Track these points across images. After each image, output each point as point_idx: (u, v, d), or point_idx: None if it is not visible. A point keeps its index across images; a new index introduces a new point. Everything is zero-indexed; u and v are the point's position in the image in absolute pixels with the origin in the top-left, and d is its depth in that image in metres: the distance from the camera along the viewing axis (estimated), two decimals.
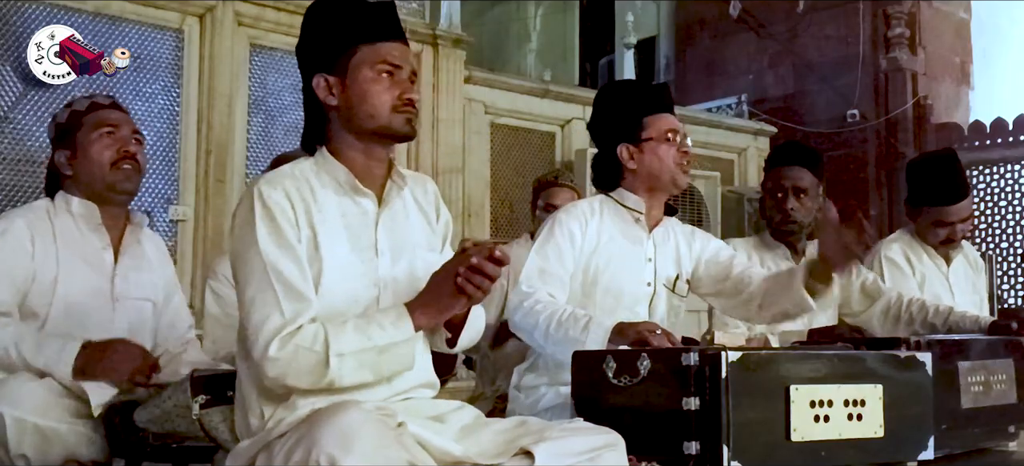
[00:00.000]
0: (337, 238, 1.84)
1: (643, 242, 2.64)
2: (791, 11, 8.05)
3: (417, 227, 1.98)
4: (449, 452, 1.76)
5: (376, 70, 1.85)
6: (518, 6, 9.38)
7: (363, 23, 1.86)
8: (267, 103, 4.72)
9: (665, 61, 8.90)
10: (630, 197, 2.64)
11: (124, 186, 2.53)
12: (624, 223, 2.64)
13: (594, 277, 2.58)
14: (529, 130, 6.21)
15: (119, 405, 2.26)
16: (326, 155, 1.90)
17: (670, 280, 2.67)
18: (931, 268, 3.53)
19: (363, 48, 1.85)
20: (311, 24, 1.92)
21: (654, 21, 8.94)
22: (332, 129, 1.90)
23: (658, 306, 2.64)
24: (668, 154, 2.61)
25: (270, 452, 1.74)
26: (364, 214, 1.89)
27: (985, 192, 7.49)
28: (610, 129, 2.68)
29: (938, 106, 7.80)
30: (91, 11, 4.13)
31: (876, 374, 2.21)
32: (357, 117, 1.86)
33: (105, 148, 2.50)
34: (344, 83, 1.85)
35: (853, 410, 2.12)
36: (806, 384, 2.07)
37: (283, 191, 1.81)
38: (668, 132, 2.61)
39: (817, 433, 2.06)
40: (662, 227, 2.68)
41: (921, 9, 7.77)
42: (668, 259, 2.67)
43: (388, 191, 1.92)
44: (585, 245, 2.58)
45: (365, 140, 1.88)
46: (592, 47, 9.48)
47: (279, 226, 1.78)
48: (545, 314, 2.42)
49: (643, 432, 1.98)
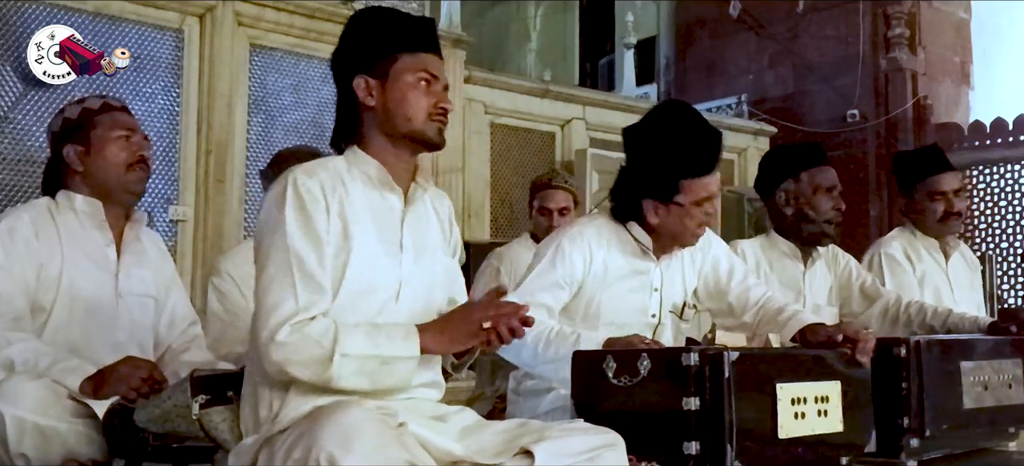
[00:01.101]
0: (366, 230, 1.88)
1: (650, 272, 2.55)
2: (791, 11, 8.05)
3: (435, 231, 2.04)
4: (449, 452, 1.77)
5: (416, 77, 1.92)
6: (518, 6, 9.38)
7: (407, 33, 1.95)
8: (267, 103, 4.72)
9: (665, 61, 8.90)
10: (642, 234, 2.52)
11: (136, 188, 2.56)
12: (632, 254, 2.54)
13: (597, 310, 2.50)
14: (529, 130, 6.21)
15: (119, 406, 2.25)
16: (358, 152, 1.95)
17: (677, 307, 2.62)
18: (930, 264, 3.54)
19: (405, 56, 1.93)
20: (357, 29, 1.98)
21: (654, 21, 8.93)
22: (365, 129, 1.95)
23: (663, 335, 2.59)
24: (694, 220, 2.45)
25: (271, 448, 1.74)
26: (391, 210, 1.94)
27: (985, 192, 7.49)
28: (641, 175, 2.48)
29: (938, 106, 7.80)
30: (91, 11, 4.13)
31: (835, 371, 2.25)
32: (394, 119, 1.92)
33: (121, 150, 2.51)
34: (384, 86, 1.92)
35: (820, 406, 2.17)
36: (788, 382, 2.09)
37: (318, 181, 1.85)
38: (703, 201, 2.44)
39: (797, 429, 2.11)
40: (668, 256, 2.58)
41: (921, 9, 7.77)
42: (674, 287, 2.61)
43: (413, 192, 1.98)
44: (589, 277, 2.48)
45: (397, 143, 1.94)
46: (592, 47, 9.48)
47: (309, 215, 1.81)
48: (532, 335, 2.32)
49: (643, 432, 1.98)
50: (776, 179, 3.21)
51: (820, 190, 3.14)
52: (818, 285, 3.23)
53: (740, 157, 7.44)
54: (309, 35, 4.84)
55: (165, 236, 4.22)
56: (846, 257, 3.36)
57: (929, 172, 3.52)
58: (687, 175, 2.41)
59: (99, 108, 2.55)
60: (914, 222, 3.58)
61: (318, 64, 4.87)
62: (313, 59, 4.87)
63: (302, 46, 4.83)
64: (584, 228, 2.53)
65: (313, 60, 4.87)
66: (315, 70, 4.87)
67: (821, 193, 3.14)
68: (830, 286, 3.28)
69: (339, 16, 4.88)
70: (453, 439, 1.81)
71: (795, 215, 3.15)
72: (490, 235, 5.81)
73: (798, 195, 3.15)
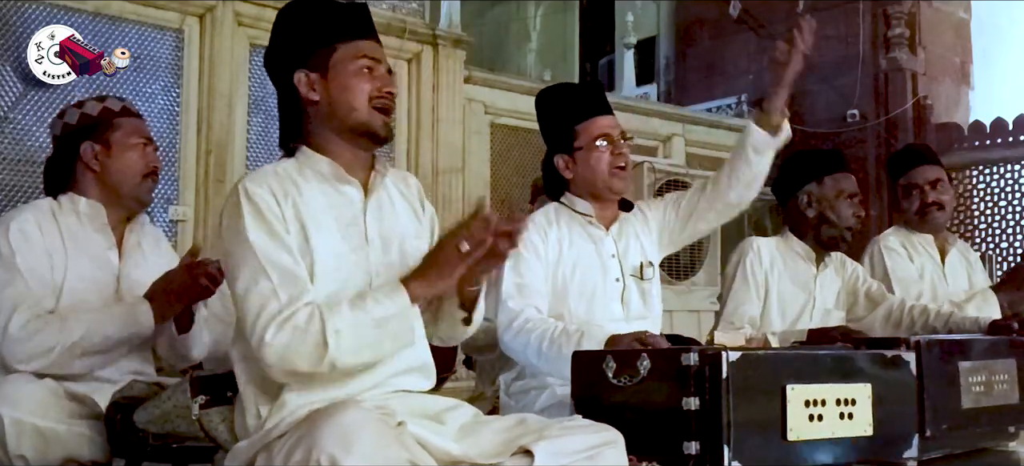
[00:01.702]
0: (326, 229, 1.85)
1: (603, 240, 2.65)
2: (791, 11, 8.03)
3: (404, 216, 2.00)
4: (449, 452, 1.76)
5: (358, 65, 1.90)
6: (518, 6, 9.37)
7: (341, 22, 1.92)
8: (267, 103, 4.71)
9: (665, 61, 8.89)
10: (578, 202, 2.66)
11: (146, 198, 2.61)
12: (581, 226, 2.65)
13: (564, 284, 2.58)
14: (529, 130, 6.17)
15: (123, 400, 2.25)
16: (307, 151, 1.93)
17: (636, 269, 2.67)
18: (925, 260, 3.58)
19: (342, 45, 1.90)
20: (288, 24, 1.95)
21: (654, 21, 8.93)
22: (312, 126, 1.93)
23: (631, 299, 2.65)
24: (601, 160, 2.60)
25: (270, 452, 1.74)
26: (351, 203, 1.91)
27: (985, 192, 7.48)
28: (548, 138, 2.73)
29: (938, 106, 7.79)
30: (91, 11, 4.12)
31: (865, 373, 2.22)
32: (339, 111, 1.89)
33: (140, 159, 2.55)
34: (326, 78, 1.89)
35: (844, 409, 2.14)
36: (801, 384, 2.07)
37: (268, 188, 1.82)
38: (598, 137, 2.60)
39: (811, 432, 2.08)
40: (618, 223, 2.69)
41: (921, 9, 7.76)
42: (631, 250, 2.69)
43: (373, 181, 1.95)
44: (548, 254, 2.58)
45: (345, 138, 1.91)
46: (592, 47, 9.47)
47: (267, 220, 1.79)
48: (536, 333, 2.41)
49: (643, 432, 1.98)
50: (799, 181, 3.26)
51: (843, 195, 3.21)
52: (828, 288, 3.27)
53: None
54: None
55: (165, 236, 4.21)
56: (853, 264, 3.43)
57: (906, 166, 3.64)
58: (577, 120, 2.62)
59: (120, 111, 2.57)
60: (905, 220, 3.67)
61: None
62: None
63: None
64: (535, 214, 2.70)
65: None
66: None
67: (843, 199, 3.21)
68: (838, 290, 3.31)
69: None
70: (451, 439, 1.80)
71: (817, 218, 3.21)
72: None
73: (821, 199, 3.21)
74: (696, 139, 6.94)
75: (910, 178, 3.64)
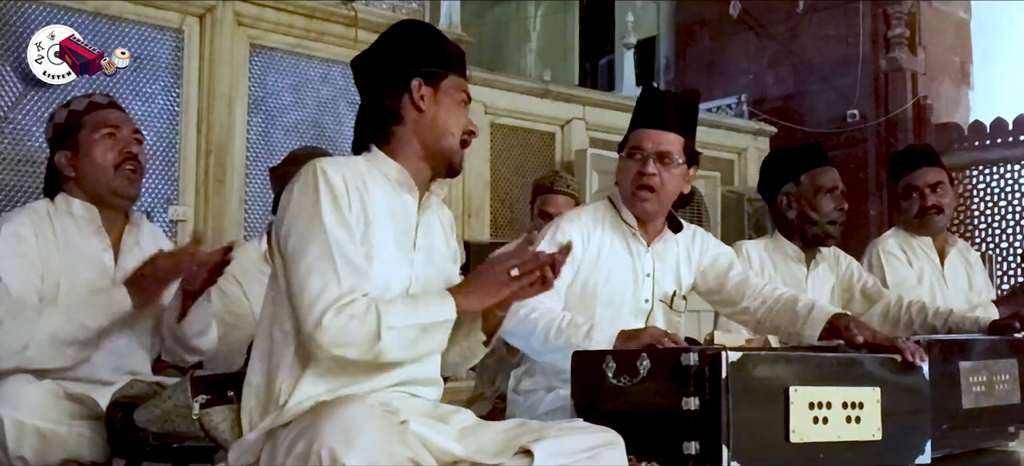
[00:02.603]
0: (384, 229, 1.90)
1: (643, 256, 2.60)
2: (791, 11, 8.04)
3: (441, 239, 2.07)
4: (449, 451, 1.78)
5: (459, 97, 2.01)
6: (518, 6, 9.37)
7: (456, 56, 2.05)
8: (267, 103, 4.71)
9: (665, 61, 8.89)
10: (624, 209, 2.61)
11: (127, 191, 2.53)
12: (624, 236, 2.60)
13: (594, 290, 2.55)
14: (529, 130, 6.20)
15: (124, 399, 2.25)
16: (379, 153, 1.98)
17: (667, 296, 2.64)
18: (925, 262, 3.57)
19: (454, 75, 2.01)
20: (412, 36, 2.03)
21: (654, 21, 8.93)
22: (397, 132, 1.98)
23: (655, 323, 2.61)
24: (628, 172, 2.57)
25: (274, 443, 1.75)
26: (408, 212, 1.97)
27: (985, 192, 7.48)
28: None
29: (938, 106, 7.79)
30: (91, 11, 4.12)
31: (874, 377, 2.21)
32: (437, 129, 1.98)
33: (107, 150, 2.49)
34: (436, 95, 1.98)
35: (851, 412, 2.13)
36: (805, 385, 2.07)
37: (342, 176, 1.86)
38: (632, 147, 2.57)
39: (816, 435, 2.07)
40: (661, 241, 2.63)
41: (921, 9, 7.76)
42: (667, 275, 2.64)
43: (427, 199, 2.01)
44: (586, 256, 2.55)
45: (427, 154, 1.99)
46: (592, 47, 9.48)
47: (340, 206, 1.83)
48: (544, 321, 2.39)
49: (643, 432, 1.98)
50: (777, 182, 3.23)
51: (821, 191, 3.16)
52: (821, 287, 3.24)
53: (740, 157, 7.43)
54: (309, 35, 4.83)
55: (165, 236, 4.21)
56: (848, 259, 3.38)
57: (907, 168, 3.62)
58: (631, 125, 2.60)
59: (84, 108, 2.52)
60: (905, 222, 3.64)
61: (318, 64, 4.86)
62: (313, 59, 4.86)
63: (302, 46, 4.83)
64: (581, 210, 2.65)
65: (313, 60, 4.86)
66: (315, 70, 4.87)
67: (822, 194, 3.15)
68: (833, 287, 3.29)
69: (339, 16, 4.88)
70: (453, 439, 1.81)
71: (798, 217, 3.17)
72: (490, 235, 5.80)
73: (800, 197, 3.16)
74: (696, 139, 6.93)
75: (910, 179, 3.61)
